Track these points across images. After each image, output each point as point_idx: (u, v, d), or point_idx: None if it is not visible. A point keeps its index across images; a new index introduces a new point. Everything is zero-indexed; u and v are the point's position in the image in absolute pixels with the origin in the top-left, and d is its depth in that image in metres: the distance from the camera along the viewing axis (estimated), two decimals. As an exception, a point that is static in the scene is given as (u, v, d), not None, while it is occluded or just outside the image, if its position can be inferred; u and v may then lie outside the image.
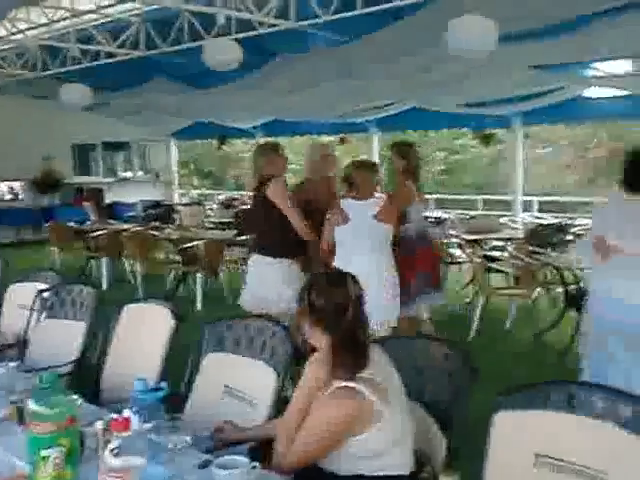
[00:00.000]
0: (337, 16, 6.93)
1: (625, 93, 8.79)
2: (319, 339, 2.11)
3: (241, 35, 7.66)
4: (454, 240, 8.49)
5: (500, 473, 2.03)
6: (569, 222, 9.22)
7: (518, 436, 2.01)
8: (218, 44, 7.16)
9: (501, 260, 7.63)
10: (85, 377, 3.29)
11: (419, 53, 6.74)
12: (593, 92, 9.13)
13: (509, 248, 7.52)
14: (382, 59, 7.07)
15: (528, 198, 12.49)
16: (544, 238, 8.31)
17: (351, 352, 2.07)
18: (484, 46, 5.01)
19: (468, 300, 7.59)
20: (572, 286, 6.29)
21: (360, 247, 4.42)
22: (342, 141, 11.89)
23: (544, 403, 1.97)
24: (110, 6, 8.67)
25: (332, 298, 2.07)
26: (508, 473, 2.01)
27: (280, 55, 7.96)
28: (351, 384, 2.02)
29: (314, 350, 2.18)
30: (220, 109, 11.06)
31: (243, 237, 7.98)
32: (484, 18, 5.21)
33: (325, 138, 11.57)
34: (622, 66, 8.03)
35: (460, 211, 12.30)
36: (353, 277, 2.15)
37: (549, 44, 6.43)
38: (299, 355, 2.38)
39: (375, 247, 4.49)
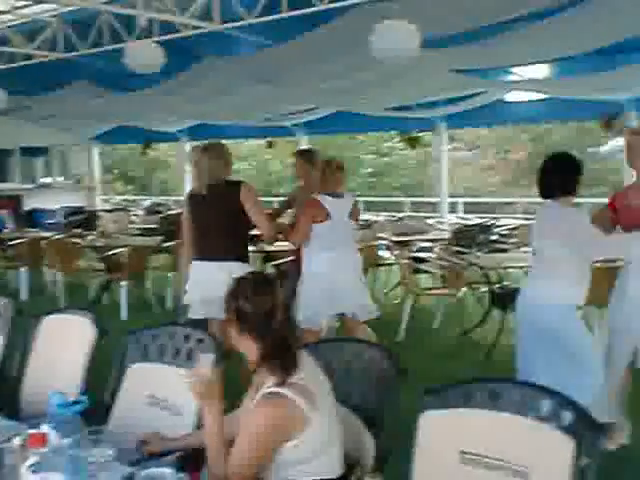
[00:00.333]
0: (262, 19, 6.91)
1: (543, 97, 9.10)
2: (247, 346, 2.07)
3: (164, 37, 7.54)
4: (382, 242, 8.59)
5: (428, 472, 2.04)
6: (492, 222, 9.48)
7: (444, 435, 2.03)
8: (139, 46, 7.02)
9: (428, 261, 7.76)
10: (3, 391, 3.16)
11: (345, 57, 6.78)
12: (514, 96, 9.40)
13: (435, 249, 7.66)
14: (308, 62, 7.08)
15: (453, 199, 12.76)
16: (469, 238, 8.52)
17: (280, 358, 2.03)
18: (407, 51, 5.08)
19: (397, 301, 7.69)
20: (496, 285, 6.46)
21: (339, 243, 4.76)
22: (269, 145, 11.88)
23: (468, 401, 2.00)
24: (26, 7, 8.39)
25: (259, 304, 2.02)
26: (435, 472, 2.03)
27: (205, 58, 7.87)
28: (280, 390, 1.99)
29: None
30: (143, 113, 10.86)
31: (169, 243, 7.84)
32: (407, 23, 5.28)
33: (252, 142, 11.58)
34: (540, 71, 8.28)
35: (388, 213, 12.46)
36: (281, 281, 2.12)
37: (470, 49, 6.58)
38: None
39: (352, 243, 4.94)
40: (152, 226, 10.63)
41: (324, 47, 6.57)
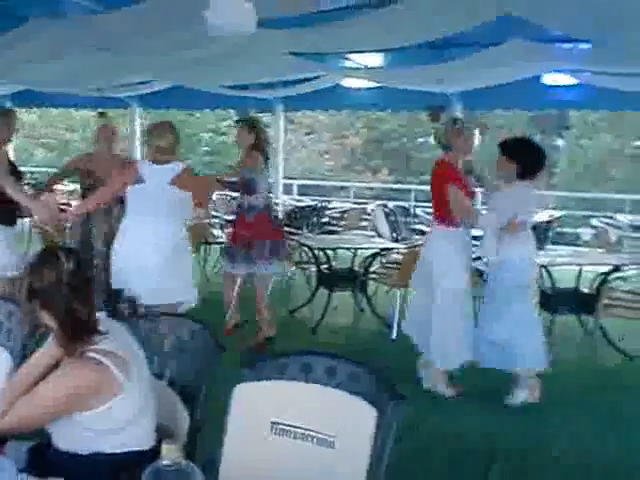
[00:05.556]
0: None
1: (377, 85, 9.41)
2: (47, 320, 2.05)
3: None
4: (215, 221, 8.55)
5: (238, 442, 2.08)
6: (324, 204, 9.75)
7: (256, 406, 2.08)
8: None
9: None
10: None
11: (180, 30, 6.61)
12: (350, 82, 9.63)
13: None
14: (142, 33, 6.82)
15: (289, 181, 12.94)
16: (301, 219, 8.73)
17: (74, 327, 2.02)
18: (243, 27, 5.03)
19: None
20: (324, 266, 6.66)
21: (152, 212, 4.34)
22: (101, 115, 11.35)
23: (281, 373, 2.06)
24: None
25: (44, 277, 2.00)
26: (246, 441, 2.07)
27: (31, 19, 7.32)
28: (91, 355, 2.00)
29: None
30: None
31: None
32: (243, 0, 5.24)
33: (83, 112, 10.97)
34: (374, 59, 8.54)
35: (223, 193, 12.37)
36: (69, 251, 2.08)
37: (307, 33, 6.66)
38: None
39: (166, 213, 4.38)
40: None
41: (159, 18, 6.36)
